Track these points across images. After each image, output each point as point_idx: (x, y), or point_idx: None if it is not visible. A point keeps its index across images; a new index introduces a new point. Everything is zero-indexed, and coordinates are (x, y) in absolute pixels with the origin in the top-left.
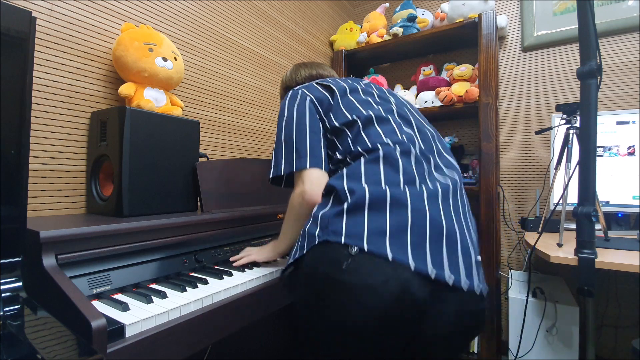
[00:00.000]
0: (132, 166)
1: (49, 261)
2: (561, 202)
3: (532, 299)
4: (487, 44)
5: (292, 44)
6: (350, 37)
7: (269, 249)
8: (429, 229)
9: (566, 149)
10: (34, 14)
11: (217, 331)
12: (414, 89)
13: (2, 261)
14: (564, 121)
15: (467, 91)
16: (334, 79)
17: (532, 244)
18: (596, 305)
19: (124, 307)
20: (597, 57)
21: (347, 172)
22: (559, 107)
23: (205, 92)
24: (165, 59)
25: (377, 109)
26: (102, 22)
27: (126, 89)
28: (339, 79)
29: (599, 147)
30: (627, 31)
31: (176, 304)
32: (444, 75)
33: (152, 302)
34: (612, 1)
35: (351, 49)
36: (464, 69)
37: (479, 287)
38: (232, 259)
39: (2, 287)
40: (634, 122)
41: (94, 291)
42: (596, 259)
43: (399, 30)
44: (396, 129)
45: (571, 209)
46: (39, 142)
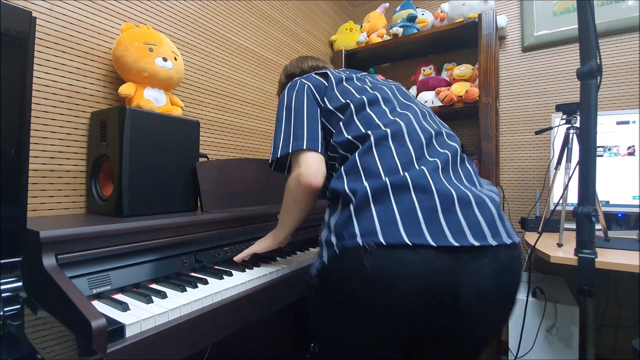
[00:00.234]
0: (132, 166)
1: (49, 261)
2: (561, 202)
3: (532, 299)
4: (487, 44)
5: (292, 44)
6: (350, 37)
7: (268, 239)
8: (438, 201)
9: (566, 149)
10: (34, 14)
11: (217, 331)
12: (414, 89)
13: (2, 261)
14: (564, 121)
15: (467, 91)
16: (331, 69)
17: (532, 244)
18: (596, 305)
19: (124, 307)
20: (597, 57)
21: (345, 170)
22: (559, 107)
23: (205, 92)
24: (165, 59)
25: (371, 93)
26: (102, 22)
27: (126, 89)
28: (336, 70)
29: (599, 147)
30: (627, 31)
31: (176, 304)
32: (444, 75)
33: (152, 302)
34: (612, 1)
35: (351, 49)
36: (464, 69)
37: (507, 239)
38: (234, 259)
39: (2, 287)
40: (634, 122)
41: (94, 291)
42: (596, 259)
43: (399, 30)
44: (387, 111)
45: (571, 209)
46: (39, 142)
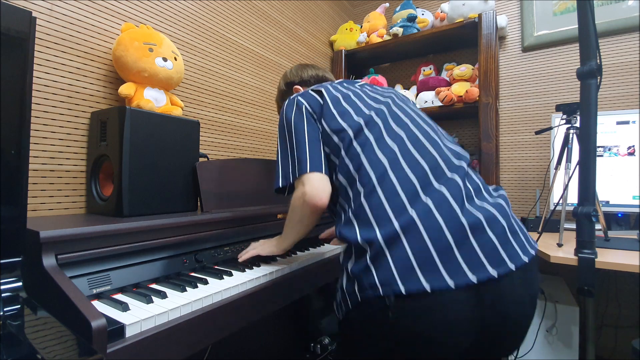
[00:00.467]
0: (132, 166)
1: (49, 261)
2: (561, 202)
3: None
4: (487, 44)
5: (292, 44)
6: (350, 37)
7: (273, 244)
8: (450, 235)
9: (566, 149)
10: (34, 14)
11: (217, 331)
12: (414, 89)
13: (2, 261)
14: (564, 121)
15: (467, 91)
16: (330, 83)
17: None
18: (596, 305)
19: (124, 307)
20: (597, 57)
21: (353, 216)
22: (559, 107)
23: (205, 92)
24: (165, 59)
25: (367, 114)
26: (102, 22)
27: (126, 89)
28: (331, 85)
29: (599, 147)
30: (627, 31)
31: (176, 304)
32: (444, 75)
33: (152, 302)
34: (612, 1)
35: (351, 49)
36: (464, 69)
37: (524, 257)
38: (238, 256)
39: (2, 287)
40: (634, 122)
41: (94, 291)
42: (596, 259)
43: (399, 30)
44: (385, 136)
45: (571, 209)
46: (39, 142)
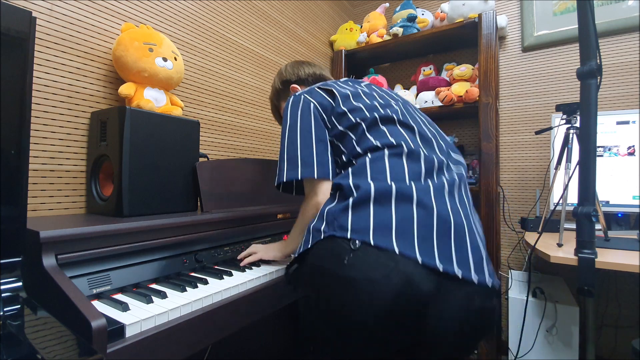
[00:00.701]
0: (132, 166)
1: (49, 261)
2: (561, 202)
3: (532, 299)
4: (487, 44)
5: (292, 44)
6: (350, 37)
7: (276, 249)
8: (436, 223)
9: (566, 149)
10: (34, 14)
11: (217, 331)
12: (414, 89)
13: (2, 261)
14: (564, 121)
15: (467, 91)
16: (335, 82)
17: (532, 244)
18: (596, 305)
19: (124, 307)
20: (597, 57)
21: (352, 170)
22: (559, 107)
23: (205, 92)
24: (165, 59)
25: (381, 111)
26: (102, 22)
27: (126, 89)
28: (340, 83)
29: (599, 147)
30: (627, 31)
31: (176, 304)
32: (444, 75)
33: (152, 302)
34: (612, 1)
35: (351, 49)
36: (464, 69)
37: (490, 281)
38: (239, 257)
39: (2, 287)
40: (634, 122)
41: (94, 291)
42: (596, 259)
43: (399, 30)
44: (401, 130)
45: (571, 209)
46: (39, 142)
